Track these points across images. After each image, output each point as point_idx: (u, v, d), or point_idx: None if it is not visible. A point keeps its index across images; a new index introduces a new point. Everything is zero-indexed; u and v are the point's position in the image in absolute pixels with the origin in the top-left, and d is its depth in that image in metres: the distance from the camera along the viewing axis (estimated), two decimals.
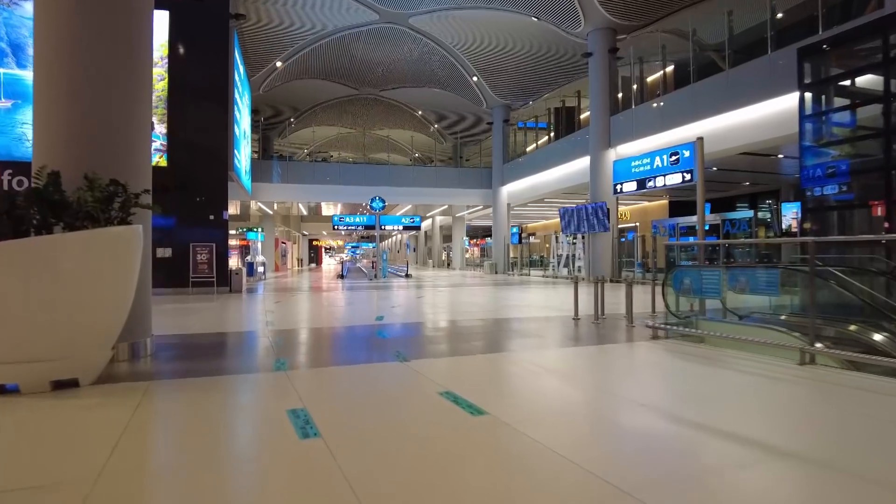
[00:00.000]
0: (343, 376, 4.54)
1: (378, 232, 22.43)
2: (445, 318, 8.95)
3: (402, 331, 7.41)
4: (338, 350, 6.07)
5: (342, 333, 7.15)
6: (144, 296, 5.63)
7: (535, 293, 14.67)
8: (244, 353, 5.89)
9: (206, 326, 7.79)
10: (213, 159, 15.12)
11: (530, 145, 29.74)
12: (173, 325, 7.98)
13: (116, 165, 4.90)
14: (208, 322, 8.33)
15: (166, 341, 6.30)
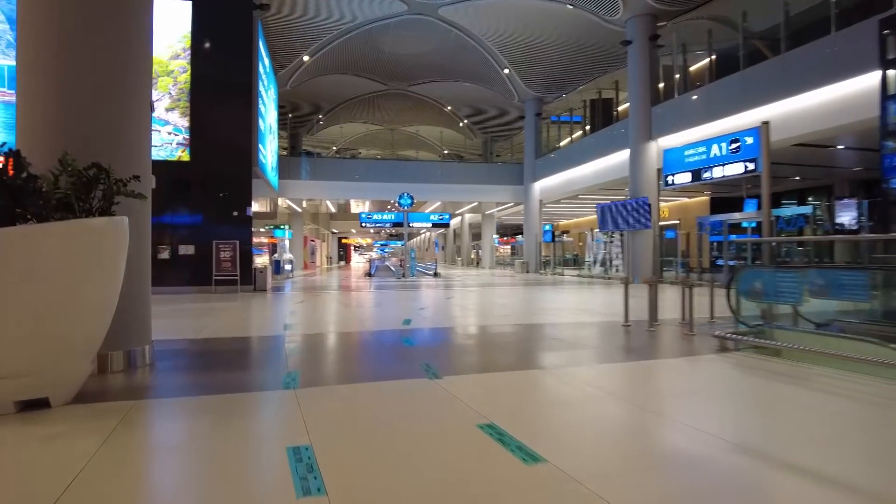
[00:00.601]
0: (362, 398, 3.79)
1: (406, 229, 21.76)
2: (478, 322, 8.15)
3: (431, 337, 6.65)
4: (358, 361, 5.33)
5: (365, 340, 6.42)
6: (142, 298, 5.01)
7: (572, 294, 13.76)
8: (253, 363, 5.21)
9: (219, 330, 7.17)
10: (236, 154, 14.65)
11: (564, 139, 28.66)
12: (185, 327, 7.40)
13: (103, 147, 4.27)
14: (223, 325, 7.72)
15: (171, 347, 5.67)
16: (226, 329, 7.28)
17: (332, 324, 7.96)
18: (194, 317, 8.79)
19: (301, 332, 6.83)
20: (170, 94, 14.21)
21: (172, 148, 14.18)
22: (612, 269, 21.41)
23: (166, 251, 14.02)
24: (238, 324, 7.89)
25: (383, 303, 11.08)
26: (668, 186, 13.17)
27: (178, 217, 14.24)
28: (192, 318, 8.53)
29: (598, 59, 23.80)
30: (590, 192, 25.53)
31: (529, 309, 9.97)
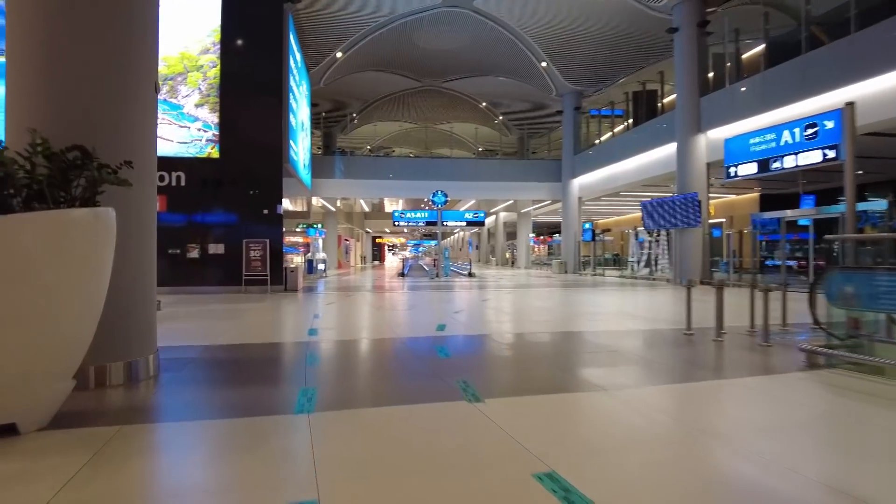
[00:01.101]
0: (387, 428, 3.12)
1: (439, 228, 21.13)
2: (518, 329, 7.40)
3: (468, 346, 5.96)
4: (386, 375, 4.67)
5: (394, 348, 5.76)
6: (146, 303, 4.47)
7: (618, 297, 12.85)
8: (267, 376, 4.60)
9: (240, 334, 6.64)
10: (267, 151, 14.26)
11: (604, 134, 27.53)
12: (206, 331, 6.91)
13: (92, 131, 3.73)
14: (245, 329, 7.20)
15: (183, 355, 5.14)
16: (247, 334, 6.74)
17: (360, 329, 7.34)
18: (217, 319, 8.32)
19: (326, 339, 6.23)
20: (199, 89, 13.91)
21: (202, 145, 13.89)
22: (656, 269, 20.29)
23: (195, 250, 13.73)
24: (261, 328, 7.35)
25: (415, 305, 10.45)
26: (729, 178, 12.09)
27: (207, 215, 13.94)
28: (214, 321, 8.06)
29: (642, 49, 22.67)
30: (631, 188, 24.41)
31: (574, 313, 9.16)
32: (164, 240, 14.37)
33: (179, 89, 13.84)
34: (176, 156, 13.78)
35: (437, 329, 6.89)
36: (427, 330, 6.89)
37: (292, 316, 8.83)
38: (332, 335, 6.57)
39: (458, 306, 10.29)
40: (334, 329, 7.16)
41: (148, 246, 4.51)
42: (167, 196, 13.71)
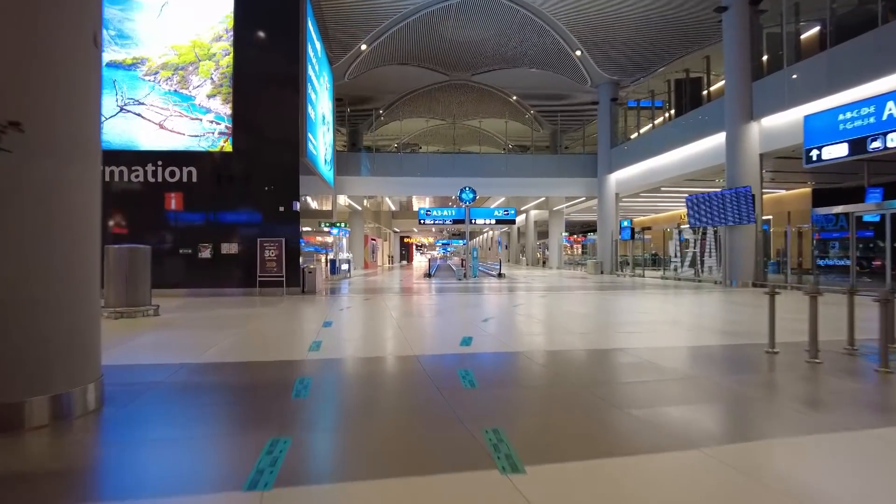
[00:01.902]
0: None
1: (467, 226, 19.99)
2: (559, 344, 6.19)
3: (498, 370, 4.81)
4: (388, 419, 3.52)
5: (407, 373, 4.63)
6: (83, 318, 3.46)
7: (667, 302, 11.49)
8: (234, 415, 3.55)
9: (228, 350, 5.63)
10: (283, 144, 13.35)
11: (643, 127, 25.95)
12: (192, 344, 5.93)
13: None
14: (238, 341, 6.20)
15: (146, 379, 4.17)
16: (237, 349, 5.73)
17: (371, 343, 6.25)
18: (215, 327, 7.36)
19: (328, 357, 5.16)
20: (211, 79, 13.09)
21: (214, 138, 13.06)
22: (702, 270, 18.73)
23: (207, 250, 12.91)
24: (256, 340, 6.34)
25: (440, 311, 9.34)
26: (811, 164, 10.58)
27: (220, 213, 13.11)
28: (210, 330, 7.10)
29: (685, 33, 21.08)
30: (673, 183, 22.85)
31: (622, 323, 7.90)
32: (176, 239, 13.77)
33: (190, 79, 13.05)
34: (187, 150, 13.00)
35: (462, 344, 5.76)
36: (450, 345, 5.77)
37: (300, 324, 7.82)
38: (337, 352, 5.50)
39: (486, 312, 9.14)
40: (342, 343, 6.10)
41: (85, 243, 3.49)
42: (181, 193, 12.95)
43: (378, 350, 5.63)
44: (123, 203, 12.88)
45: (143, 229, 12.90)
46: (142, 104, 12.91)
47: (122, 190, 12.86)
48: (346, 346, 5.86)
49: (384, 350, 5.60)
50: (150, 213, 12.97)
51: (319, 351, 5.40)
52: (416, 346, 5.64)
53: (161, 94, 12.97)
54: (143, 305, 8.63)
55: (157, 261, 12.96)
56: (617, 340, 6.09)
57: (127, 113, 12.86)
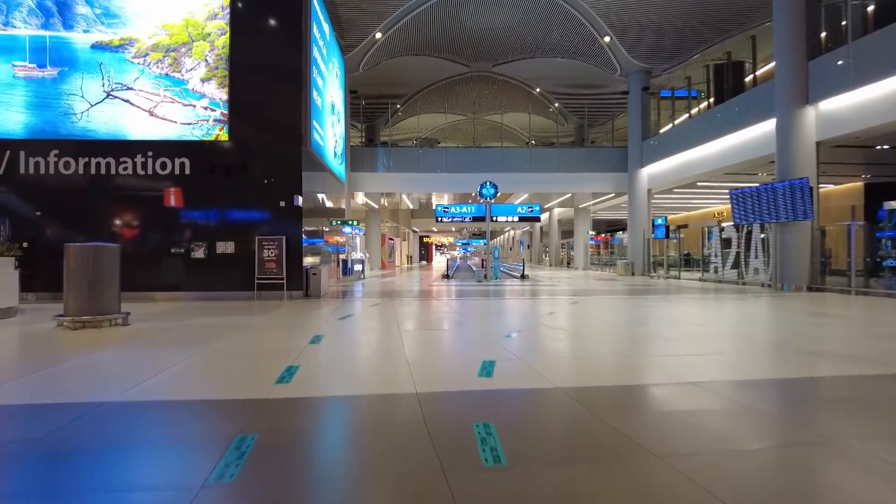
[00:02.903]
0: None
1: (488, 224, 18.53)
2: (612, 375, 4.67)
3: (533, 424, 3.33)
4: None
5: (400, 430, 3.17)
6: None
7: (722, 311, 9.89)
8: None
9: (172, 380, 4.29)
10: (285, 133, 12.09)
11: (678, 118, 24.16)
12: (130, 370, 4.62)
13: None
14: (193, 366, 4.86)
15: (14, 436, 2.82)
16: (185, 379, 4.38)
17: (361, 372, 4.81)
18: (179, 343, 6.07)
19: (294, 395, 3.78)
20: (206, 61, 11.89)
21: (209, 126, 11.86)
22: (747, 271, 16.98)
23: (201, 249, 11.71)
24: (218, 364, 4.98)
25: (456, 321, 7.91)
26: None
27: (214, 208, 11.89)
28: (170, 347, 5.80)
29: (726, 13, 19.31)
30: (710, 177, 21.10)
31: (681, 340, 6.37)
32: (167, 238, 12.00)
33: (183, 62, 11.86)
34: (180, 139, 11.82)
35: (482, 374, 4.32)
36: (466, 375, 4.34)
37: (285, 339, 6.47)
38: (311, 386, 4.10)
39: (510, 324, 7.70)
40: (323, 371, 4.70)
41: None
42: (171, 186, 11.78)
43: (367, 383, 4.22)
44: (110, 198, 11.76)
45: (131, 227, 11.77)
46: (130, 89, 11.76)
47: (108, 184, 11.73)
48: (327, 377, 4.45)
49: (376, 383, 4.20)
50: (139, 210, 11.83)
51: (289, 384, 4.04)
52: (420, 377, 4.23)
53: (151, 78, 11.81)
54: (110, 313, 7.39)
55: (146, 262, 11.84)
56: (684, 369, 4.61)
57: (114, 99, 11.72)
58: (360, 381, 4.26)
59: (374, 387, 4.05)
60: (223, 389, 4.01)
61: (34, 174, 11.55)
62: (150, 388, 3.94)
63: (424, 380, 4.13)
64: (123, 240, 11.71)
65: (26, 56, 11.54)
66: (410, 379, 4.16)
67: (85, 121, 11.62)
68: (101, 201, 11.71)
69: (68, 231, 11.61)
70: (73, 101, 11.61)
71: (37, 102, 11.56)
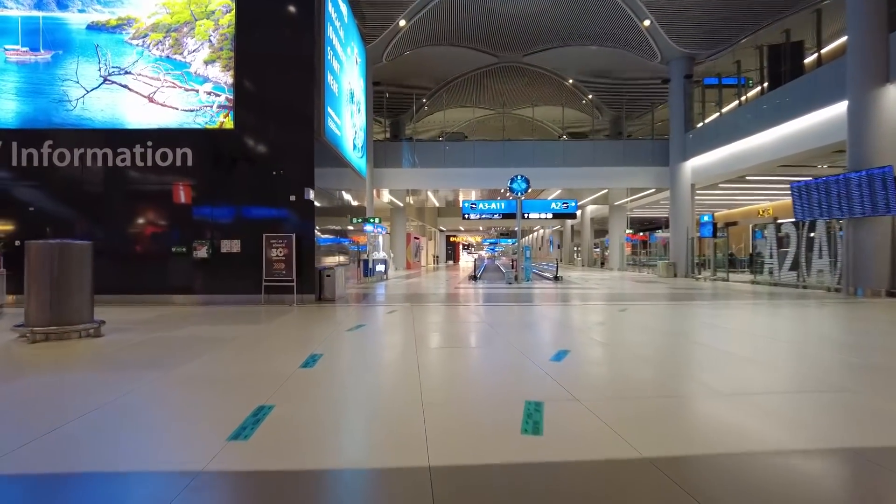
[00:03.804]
0: None
1: (519, 221, 17.13)
2: (724, 426, 3.27)
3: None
4: None
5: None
6: None
7: (807, 322, 8.31)
8: None
9: (84, 433, 3.06)
10: (296, 119, 10.93)
11: (724, 108, 22.31)
12: (40, 413, 3.42)
13: None
14: (131, 405, 3.64)
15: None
16: (103, 430, 3.13)
17: (355, 423, 3.47)
18: (132, 367, 4.89)
19: (250, 468, 2.50)
20: (210, 41, 10.81)
21: (213, 112, 10.78)
22: (809, 273, 15.19)
23: (204, 248, 10.63)
24: (156, 406, 3.71)
25: (487, 336, 6.57)
26: None
27: (219, 204, 10.81)
28: (118, 372, 4.62)
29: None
30: (763, 170, 19.35)
31: (784, 365, 4.90)
32: (168, 235, 10.65)
33: (185, 43, 10.80)
34: (181, 127, 10.77)
35: (525, 427, 2.97)
36: (501, 430, 2.99)
37: (270, 360, 5.22)
38: (277, 448, 2.80)
39: (553, 339, 6.34)
40: (302, 419, 3.38)
41: None
42: (172, 179, 10.75)
43: (358, 446, 2.91)
44: (107, 193, 10.79)
45: (130, 224, 10.79)
46: (128, 73, 10.76)
47: (105, 177, 10.76)
48: (304, 432, 3.10)
49: (371, 446, 2.89)
50: (138, 205, 10.82)
51: (246, 442, 2.77)
52: (436, 434, 2.91)
53: (151, 61, 10.79)
54: (80, 323, 6.29)
55: (144, 262, 10.82)
56: (816, 415, 3.18)
57: (111, 84, 10.74)
58: (348, 443, 2.95)
59: (366, 454, 2.75)
60: (149, 449, 2.77)
61: (27, 167, 10.64)
62: (37, 450, 2.72)
63: (442, 439, 2.81)
64: (121, 238, 10.74)
65: (18, 39, 10.64)
66: (422, 436, 2.85)
67: (80, 108, 10.66)
68: (98, 196, 10.75)
69: (63, 227, 10.68)
70: (67, 86, 10.66)
71: (29, 89, 10.65)
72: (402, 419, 3.20)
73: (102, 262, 10.74)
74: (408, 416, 3.23)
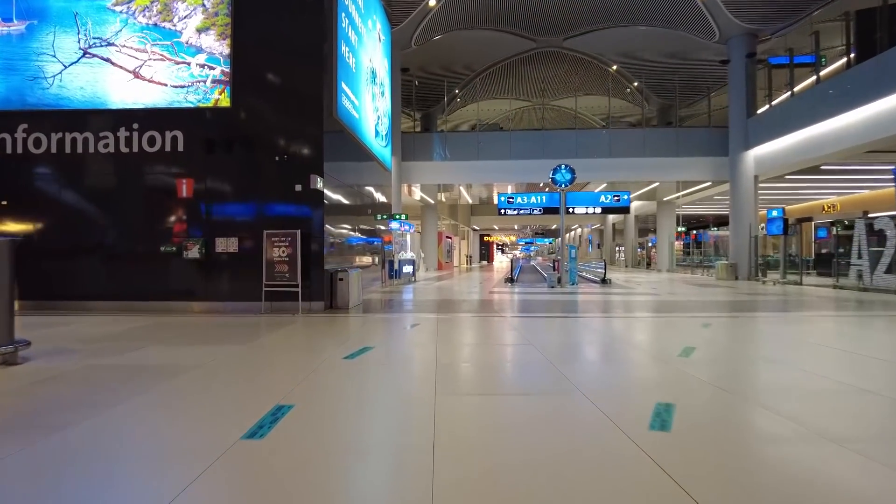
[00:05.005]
0: None
1: (563, 216, 15.13)
2: None
3: None
4: None
5: None
6: None
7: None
8: None
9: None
10: (302, 96, 9.29)
11: (796, 87, 19.72)
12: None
13: None
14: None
15: None
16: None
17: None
18: (4, 429, 3.24)
19: None
20: (203, 5, 9.26)
21: (206, 88, 9.22)
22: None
23: (195, 247, 9.08)
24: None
25: (536, 373, 4.69)
26: None
27: (213, 195, 9.25)
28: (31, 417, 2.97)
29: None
30: (843, 157, 16.80)
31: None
32: (156, 232, 8.74)
33: (175, 8, 9.27)
34: (170, 106, 9.25)
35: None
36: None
37: (208, 419, 3.45)
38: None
39: (638, 382, 4.43)
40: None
41: None
42: (161, 167, 9.25)
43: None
44: (89, 183, 9.37)
45: (113, 219, 9.34)
46: (111, 45, 9.30)
47: (86, 165, 9.33)
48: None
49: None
50: (123, 197, 9.35)
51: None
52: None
53: (136, 30, 9.30)
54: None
55: (130, 264, 9.34)
56: None
57: (92, 58, 9.29)
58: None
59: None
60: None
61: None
62: None
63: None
64: (103, 235, 9.29)
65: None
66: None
67: (58, 86, 9.25)
68: (79, 187, 9.34)
69: (40, 224, 9.32)
70: (43, 62, 9.26)
71: (1, 65, 9.29)
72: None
73: (80, 264, 9.34)
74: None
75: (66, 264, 9.28)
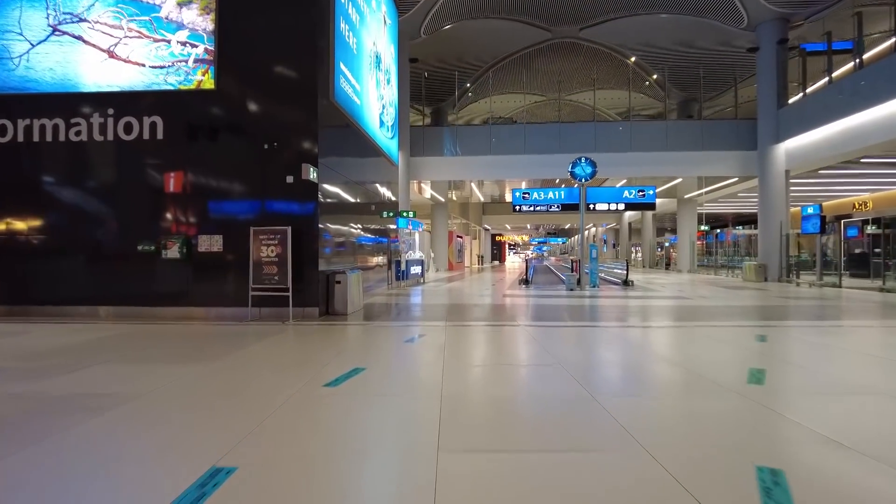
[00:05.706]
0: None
1: (582, 212, 13.99)
2: None
3: None
4: None
5: None
6: None
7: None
8: None
9: None
10: (294, 77, 8.29)
11: (832, 75, 18.42)
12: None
13: None
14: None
15: None
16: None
17: None
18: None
19: None
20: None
21: (189, 68, 8.25)
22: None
23: (175, 246, 8.11)
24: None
25: (568, 409, 3.64)
26: None
27: (197, 188, 8.27)
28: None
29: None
30: (886, 149, 15.48)
31: None
32: (130, 229, 7.54)
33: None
34: (148, 89, 8.29)
35: None
36: None
37: (128, 478, 2.49)
38: None
39: (712, 424, 3.36)
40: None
41: None
42: (139, 156, 8.30)
43: None
44: (59, 175, 8.44)
45: (85, 214, 8.40)
46: (83, 21, 8.36)
47: (57, 155, 8.40)
48: None
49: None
50: (98, 191, 8.41)
51: None
52: None
53: (111, 4, 8.36)
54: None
55: (104, 264, 8.37)
56: None
57: (62, 35, 8.36)
58: None
59: None
60: None
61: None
62: None
63: None
64: (78, 232, 8.36)
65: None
66: None
67: (24, 67, 8.33)
68: (48, 179, 8.41)
69: (7, 221, 8.42)
70: (9, 40, 8.35)
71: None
72: None
73: (52, 266, 8.42)
74: None
75: (37, 265, 8.37)
